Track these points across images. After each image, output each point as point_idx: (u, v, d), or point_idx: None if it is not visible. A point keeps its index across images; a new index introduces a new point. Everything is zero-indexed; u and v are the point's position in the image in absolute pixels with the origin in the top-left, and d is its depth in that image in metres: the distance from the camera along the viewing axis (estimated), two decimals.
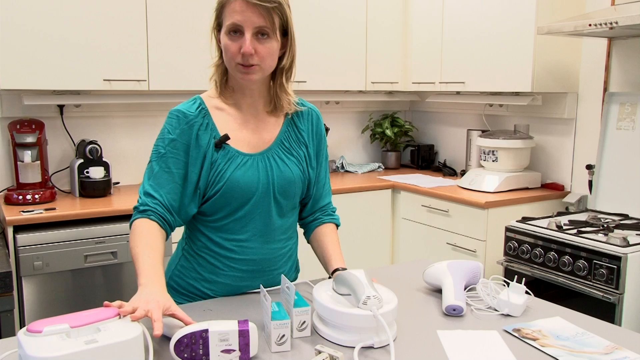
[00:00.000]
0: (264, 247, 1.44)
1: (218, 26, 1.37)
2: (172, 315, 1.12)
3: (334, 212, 1.60)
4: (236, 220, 1.40)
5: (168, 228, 1.36)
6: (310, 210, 1.56)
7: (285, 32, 1.37)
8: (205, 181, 1.37)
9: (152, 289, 1.14)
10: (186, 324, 1.10)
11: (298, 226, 1.59)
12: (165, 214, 1.34)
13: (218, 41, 1.39)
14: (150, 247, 1.26)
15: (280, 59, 1.39)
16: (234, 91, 1.43)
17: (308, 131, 1.50)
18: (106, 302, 1.08)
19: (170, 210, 1.35)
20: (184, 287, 1.46)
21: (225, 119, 1.41)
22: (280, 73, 1.41)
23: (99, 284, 2.52)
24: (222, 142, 1.37)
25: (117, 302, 1.08)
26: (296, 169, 1.45)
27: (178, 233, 1.55)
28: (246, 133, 1.42)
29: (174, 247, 2.26)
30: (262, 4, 1.28)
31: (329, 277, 1.43)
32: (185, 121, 1.37)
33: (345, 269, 1.41)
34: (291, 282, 1.55)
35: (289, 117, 1.48)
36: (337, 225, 1.58)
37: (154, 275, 1.19)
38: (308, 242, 1.59)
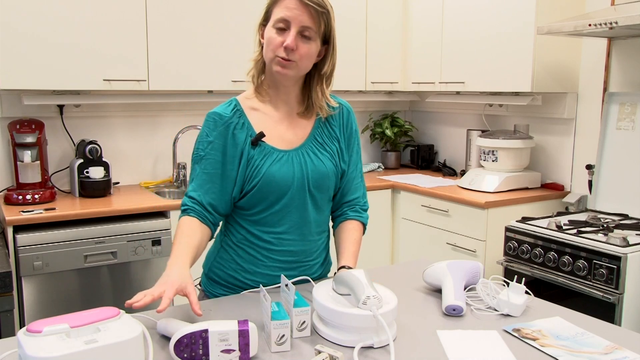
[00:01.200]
0: (301, 240, 1.48)
1: (265, 21, 1.42)
2: (185, 296, 1.19)
3: (365, 210, 1.59)
4: (273, 214, 1.45)
5: (209, 223, 1.43)
6: (339, 204, 1.58)
7: (326, 40, 1.45)
8: (242, 177, 1.43)
9: (170, 271, 1.24)
10: (192, 308, 1.16)
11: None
12: (203, 212, 1.42)
13: (260, 35, 1.44)
14: (184, 235, 1.36)
15: (319, 65, 1.47)
16: (269, 87, 1.48)
17: (339, 126, 1.54)
18: (127, 303, 1.14)
19: (207, 209, 1.43)
20: (223, 278, 1.51)
21: (260, 118, 1.47)
22: (320, 79, 1.49)
23: (99, 284, 2.52)
24: (258, 139, 1.43)
25: (137, 295, 1.15)
26: (329, 164, 1.49)
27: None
28: (281, 130, 1.47)
29: None
30: (314, 6, 1.36)
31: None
32: (222, 122, 1.43)
33: (351, 267, 1.42)
34: (325, 274, 1.58)
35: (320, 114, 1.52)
36: (364, 224, 1.57)
37: (178, 257, 1.29)
38: (333, 236, 1.60)
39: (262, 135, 1.43)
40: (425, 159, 3.89)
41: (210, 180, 1.43)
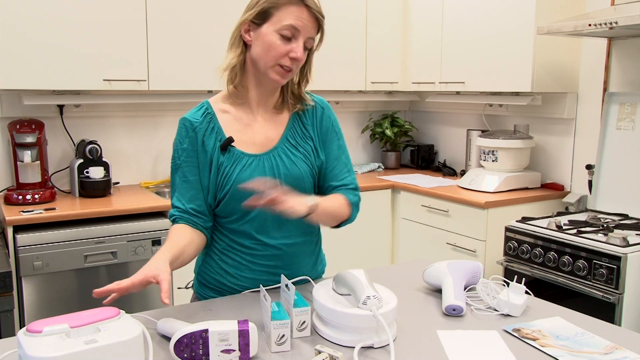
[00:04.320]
0: (283, 244, 1.45)
1: (260, 20, 1.36)
2: (157, 283, 1.15)
3: (355, 191, 1.50)
4: (250, 221, 1.42)
5: (201, 228, 1.42)
6: (329, 189, 1.51)
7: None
8: (214, 184, 1.41)
9: (147, 264, 1.21)
10: (161, 296, 1.12)
11: None
12: (191, 218, 1.41)
13: (245, 32, 1.39)
14: (169, 238, 1.35)
15: (302, 69, 1.45)
16: (251, 89, 1.44)
17: (312, 125, 1.51)
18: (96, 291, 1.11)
19: (196, 215, 1.41)
20: (211, 282, 1.50)
21: (231, 122, 1.44)
22: (299, 78, 1.47)
23: (98, 284, 2.52)
24: (226, 145, 1.40)
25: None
26: (303, 165, 1.45)
27: None
28: (252, 134, 1.44)
29: None
30: (320, 17, 1.37)
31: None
32: (192, 128, 1.41)
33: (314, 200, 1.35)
34: (319, 277, 1.56)
35: (294, 112, 1.49)
36: (349, 200, 1.47)
37: (156, 255, 1.26)
38: None
39: (231, 140, 1.40)
40: (425, 159, 3.90)
41: (191, 187, 1.41)
